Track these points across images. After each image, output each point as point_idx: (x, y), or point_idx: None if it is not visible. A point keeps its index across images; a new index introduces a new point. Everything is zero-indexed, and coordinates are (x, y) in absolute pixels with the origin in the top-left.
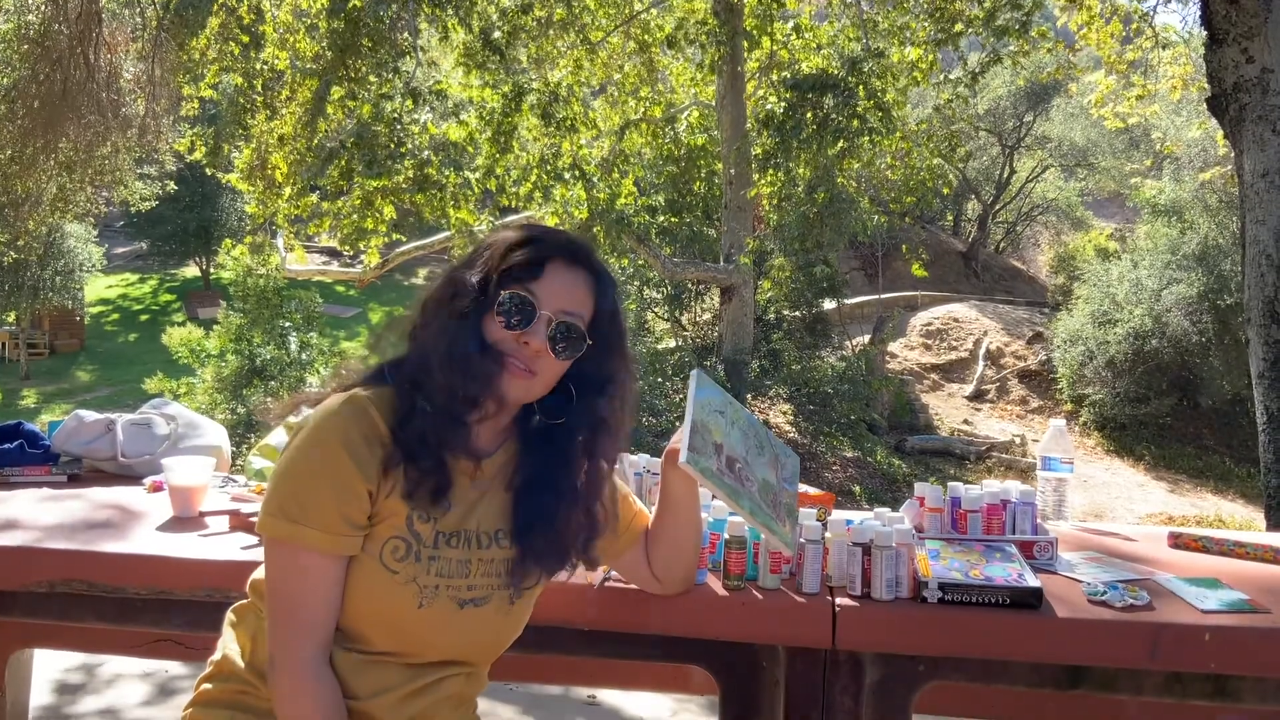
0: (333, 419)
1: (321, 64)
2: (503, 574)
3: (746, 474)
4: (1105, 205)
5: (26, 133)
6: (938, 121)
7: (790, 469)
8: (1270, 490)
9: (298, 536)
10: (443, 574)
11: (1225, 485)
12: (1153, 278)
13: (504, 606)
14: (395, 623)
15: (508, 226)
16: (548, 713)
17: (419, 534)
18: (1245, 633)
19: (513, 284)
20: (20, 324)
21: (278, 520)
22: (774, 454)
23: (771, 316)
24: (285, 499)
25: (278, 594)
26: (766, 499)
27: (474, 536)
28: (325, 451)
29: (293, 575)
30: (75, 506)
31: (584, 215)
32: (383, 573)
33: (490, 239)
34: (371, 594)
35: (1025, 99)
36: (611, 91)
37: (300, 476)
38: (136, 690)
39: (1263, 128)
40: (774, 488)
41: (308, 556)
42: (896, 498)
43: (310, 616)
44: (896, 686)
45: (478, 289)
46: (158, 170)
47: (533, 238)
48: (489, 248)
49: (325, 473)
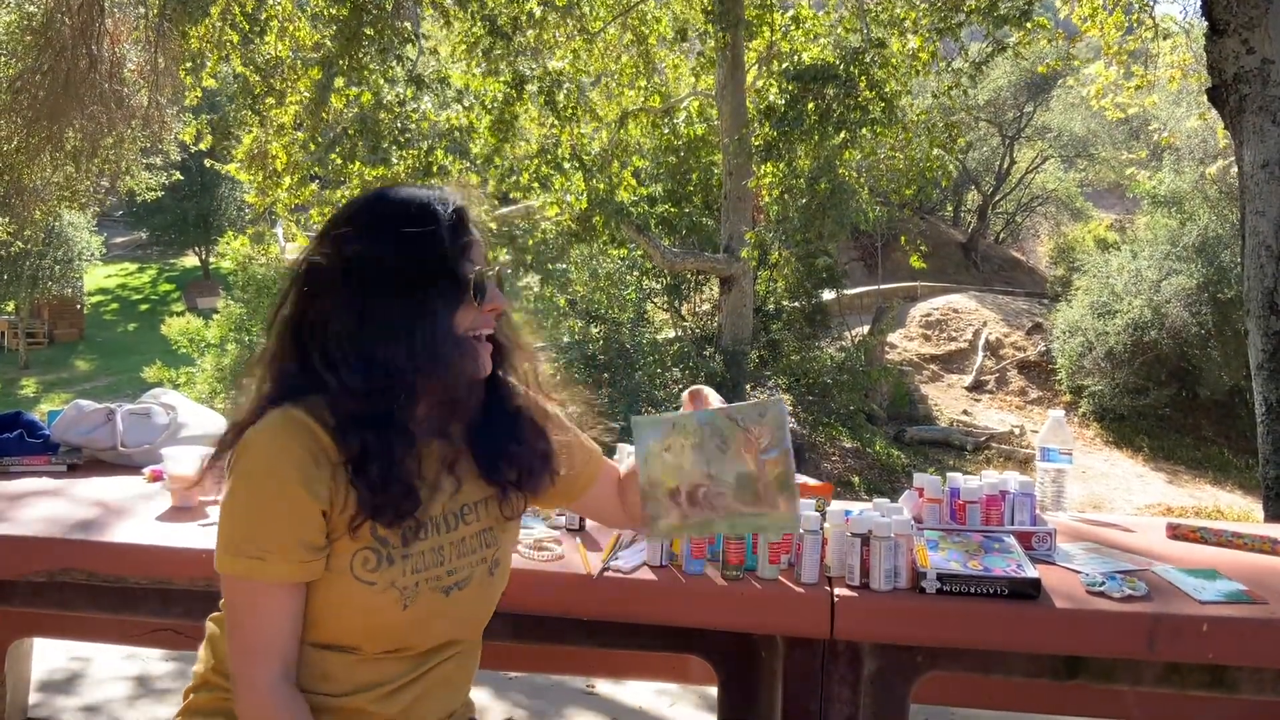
0: (274, 441)
1: (323, 52)
2: (476, 548)
3: (715, 490)
4: (1105, 196)
5: (31, 123)
6: (938, 112)
7: (770, 433)
8: (1268, 481)
9: (258, 572)
10: (419, 569)
11: (1224, 476)
12: (1152, 269)
13: (485, 579)
14: (384, 628)
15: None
16: (546, 702)
17: (385, 539)
18: (1243, 623)
19: (463, 258)
20: (19, 313)
21: (233, 558)
22: (742, 434)
23: (771, 307)
24: (239, 535)
25: (239, 626)
26: (746, 498)
27: (441, 521)
28: (272, 478)
29: (253, 608)
30: (74, 496)
31: (583, 205)
32: (358, 586)
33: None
34: (353, 609)
35: (1026, 89)
36: (607, 83)
37: (250, 508)
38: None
39: (1263, 119)
40: (752, 477)
41: (267, 589)
42: (895, 488)
43: (272, 643)
44: (894, 677)
45: (438, 274)
46: (163, 160)
47: (433, 202)
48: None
49: (276, 501)
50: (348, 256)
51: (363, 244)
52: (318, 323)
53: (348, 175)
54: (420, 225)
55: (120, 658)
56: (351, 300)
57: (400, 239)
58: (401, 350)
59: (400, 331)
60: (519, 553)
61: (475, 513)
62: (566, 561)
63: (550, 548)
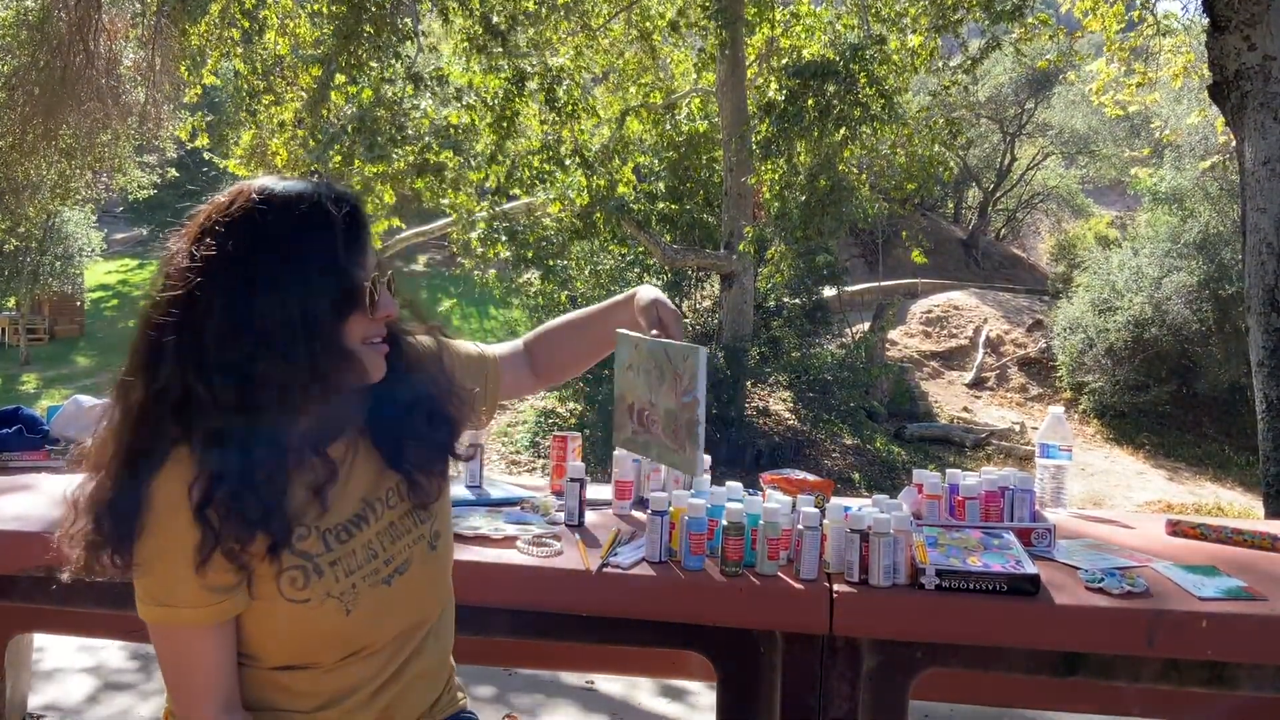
0: (163, 487)
1: (323, 49)
2: (408, 528)
3: (652, 418)
4: (1106, 193)
5: (27, 119)
6: (938, 108)
7: (688, 376)
8: (1269, 478)
9: (172, 619)
10: (351, 570)
11: (1224, 473)
12: (1153, 266)
13: (427, 556)
14: (333, 639)
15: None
16: (545, 697)
17: (306, 551)
18: (1242, 620)
19: (356, 265)
20: (20, 309)
21: (149, 607)
22: (673, 373)
23: (772, 304)
24: (149, 585)
25: (171, 669)
26: (669, 432)
27: (360, 517)
28: (164, 527)
29: (179, 652)
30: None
31: (584, 201)
32: (294, 607)
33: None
34: (294, 630)
35: (1027, 86)
36: (612, 79)
37: (152, 559)
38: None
39: (1264, 115)
40: (674, 414)
41: (188, 632)
42: (895, 485)
43: (206, 682)
44: (894, 673)
45: (327, 282)
46: (158, 158)
47: (323, 200)
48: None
49: (171, 549)
50: (224, 256)
51: (242, 243)
52: (187, 327)
53: (346, 174)
54: (309, 226)
55: (119, 652)
56: (227, 306)
57: (287, 239)
58: (279, 364)
59: (280, 343)
60: (518, 549)
61: (397, 494)
62: (565, 558)
63: (549, 544)
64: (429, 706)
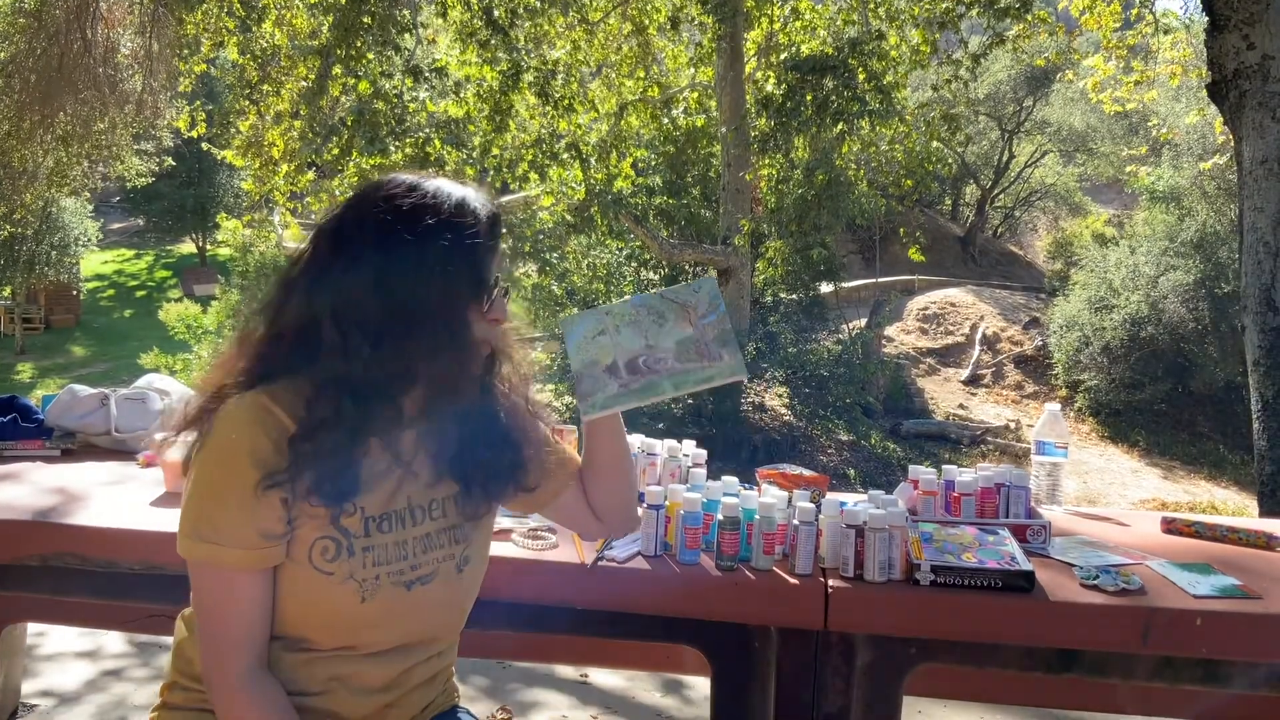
0: (234, 426)
1: (319, 41)
2: (442, 544)
3: (655, 357)
4: (1103, 191)
5: (23, 107)
6: (937, 105)
7: (705, 301)
8: (1263, 477)
9: (215, 557)
10: (380, 562)
11: (1219, 472)
12: (1150, 264)
13: (452, 576)
14: (339, 622)
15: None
16: (539, 691)
17: (346, 529)
18: (1237, 618)
19: (491, 262)
20: (16, 298)
21: (193, 542)
22: (679, 308)
23: (768, 299)
24: (197, 519)
25: (206, 613)
26: (688, 356)
27: (405, 515)
28: (230, 464)
29: (218, 594)
30: (68, 481)
31: (580, 196)
32: (316, 576)
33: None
34: (309, 599)
35: (1025, 84)
36: (608, 74)
37: (208, 494)
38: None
39: (1263, 114)
40: (692, 338)
41: (229, 575)
42: (891, 481)
43: (240, 632)
44: (888, 668)
45: (468, 270)
46: (155, 146)
47: (470, 200)
48: (443, 219)
49: (233, 487)
50: (384, 230)
51: (400, 223)
52: (338, 286)
53: (344, 166)
54: (461, 213)
55: (114, 642)
56: (379, 274)
57: (440, 227)
58: (421, 334)
59: (422, 316)
60: (513, 541)
61: (442, 509)
62: (560, 551)
63: (545, 536)
64: (420, 709)
